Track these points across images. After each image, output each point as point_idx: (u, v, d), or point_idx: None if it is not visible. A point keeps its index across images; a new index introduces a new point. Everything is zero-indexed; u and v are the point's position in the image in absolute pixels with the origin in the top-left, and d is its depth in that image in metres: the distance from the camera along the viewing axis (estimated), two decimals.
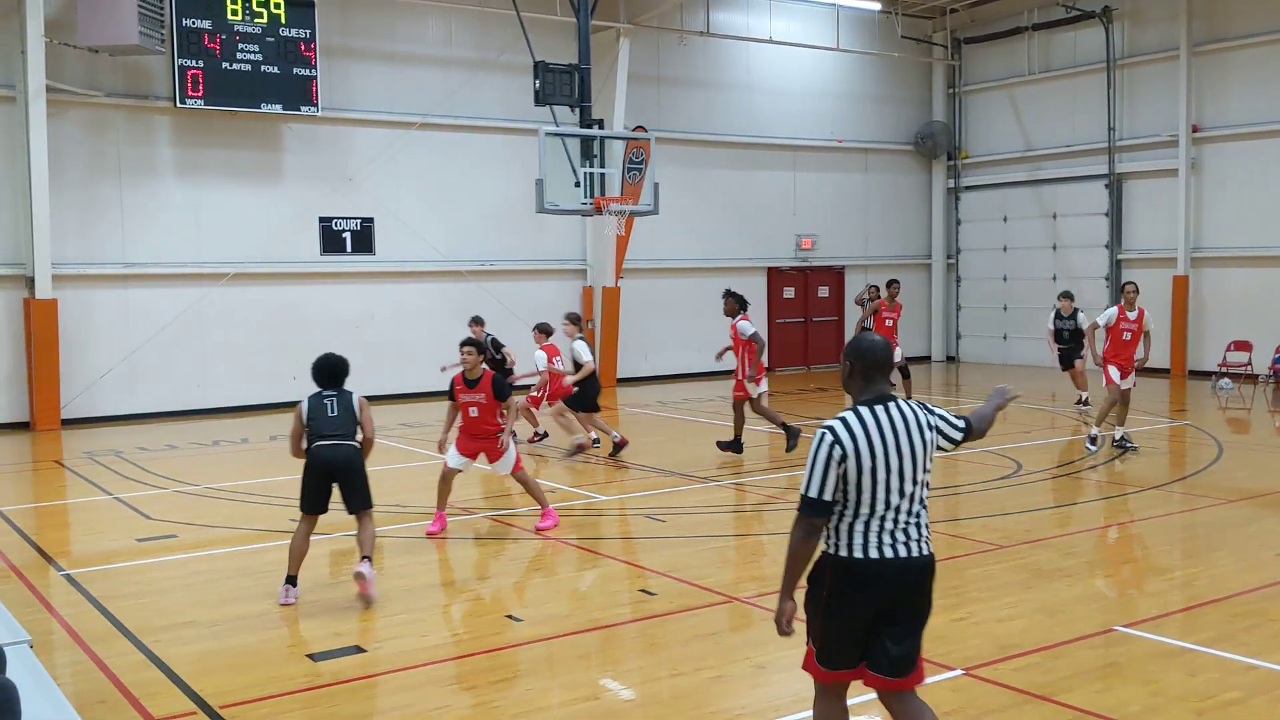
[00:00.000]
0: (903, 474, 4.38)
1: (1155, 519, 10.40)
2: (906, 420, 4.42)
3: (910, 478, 4.40)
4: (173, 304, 18.69)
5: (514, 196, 20.68)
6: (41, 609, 7.94)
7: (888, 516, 4.38)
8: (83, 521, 11.34)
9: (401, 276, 20.64)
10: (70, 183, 17.73)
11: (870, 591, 4.39)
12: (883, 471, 4.33)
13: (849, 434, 4.32)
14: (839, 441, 4.31)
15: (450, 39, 21.07)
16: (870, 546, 4.36)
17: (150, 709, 5.98)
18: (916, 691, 4.63)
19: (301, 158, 19.65)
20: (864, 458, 4.31)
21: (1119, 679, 6.22)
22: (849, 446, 4.31)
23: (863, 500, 4.36)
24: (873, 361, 4.51)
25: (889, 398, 4.46)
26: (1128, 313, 13.55)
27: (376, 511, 8.32)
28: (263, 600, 8.05)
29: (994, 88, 26.25)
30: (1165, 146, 22.83)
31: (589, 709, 5.96)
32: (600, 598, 8.31)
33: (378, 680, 6.44)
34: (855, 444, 4.31)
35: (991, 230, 26.54)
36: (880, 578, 4.37)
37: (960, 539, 9.64)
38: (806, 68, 25.12)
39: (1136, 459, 13.40)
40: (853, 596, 4.40)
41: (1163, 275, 22.94)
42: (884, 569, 4.37)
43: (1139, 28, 23.39)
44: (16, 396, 17.57)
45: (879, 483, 4.34)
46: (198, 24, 17.86)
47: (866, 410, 4.41)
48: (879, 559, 4.36)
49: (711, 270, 24.21)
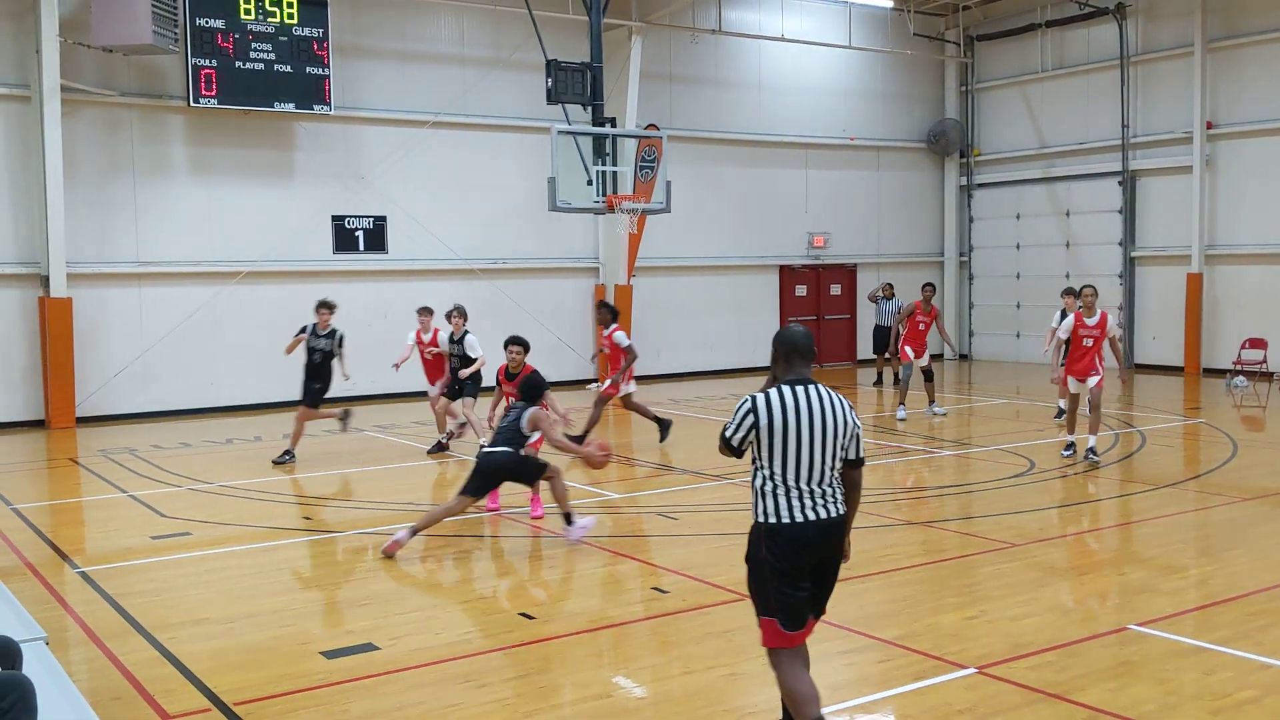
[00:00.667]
0: (813, 447, 5.00)
1: (1170, 517, 10.36)
2: (822, 402, 5.06)
3: (821, 451, 5.01)
4: (186, 302, 18.75)
5: (526, 195, 20.71)
6: (57, 606, 7.97)
7: (802, 482, 5.01)
8: (98, 519, 11.39)
9: (414, 275, 20.67)
10: (84, 182, 17.81)
11: (805, 550, 5.02)
12: (791, 441, 4.98)
13: (765, 406, 5.02)
14: (754, 410, 5.04)
15: (463, 37, 21.09)
16: (796, 510, 5.00)
17: (165, 706, 6.01)
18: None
19: (314, 156, 19.69)
20: (775, 425, 4.98)
21: (1133, 678, 6.20)
22: (762, 417, 5.01)
23: (778, 466, 5.01)
24: (792, 348, 5.18)
25: (807, 381, 5.11)
26: (1086, 319, 12.69)
27: (390, 509, 8.34)
28: (277, 597, 8.08)
29: (1007, 85, 26.17)
30: (1179, 143, 22.73)
31: (602, 706, 5.97)
32: (613, 595, 8.32)
33: (391, 677, 6.45)
34: (769, 415, 5.00)
35: (1004, 228, 26.46)
36: (809, 537, 5.00)
37: (973, 537, 9.62)
38: (818, 66, 25.07)
39: (1153, 457, 13.35)
40: (792, 557, 5.00)
41: (1177, 272, 22.86)
42: (810, 530, 5.00)
43: (1153, 24, 23.29)
44: (32, 394, 17.66)
45: (790, 450, 4.99)
46: (211, 23, 17.91)
47: (787, 389, 5.07)
48: (804, 521, 5.00)
49: (724, 268, 24.22)
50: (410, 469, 13.54)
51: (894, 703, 5.97)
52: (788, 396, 5.03)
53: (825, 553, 5.08)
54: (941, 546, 9.41)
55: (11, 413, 17.54)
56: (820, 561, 5.09)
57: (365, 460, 14.02)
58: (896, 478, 12.76)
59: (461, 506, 9.36)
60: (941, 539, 9.65)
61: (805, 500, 5.01)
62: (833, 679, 6.33)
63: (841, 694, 6.08)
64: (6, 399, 17.53)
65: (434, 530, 9.56)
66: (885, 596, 7.90)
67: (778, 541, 5.00)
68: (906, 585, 8.20)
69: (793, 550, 4.99)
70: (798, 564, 5.00)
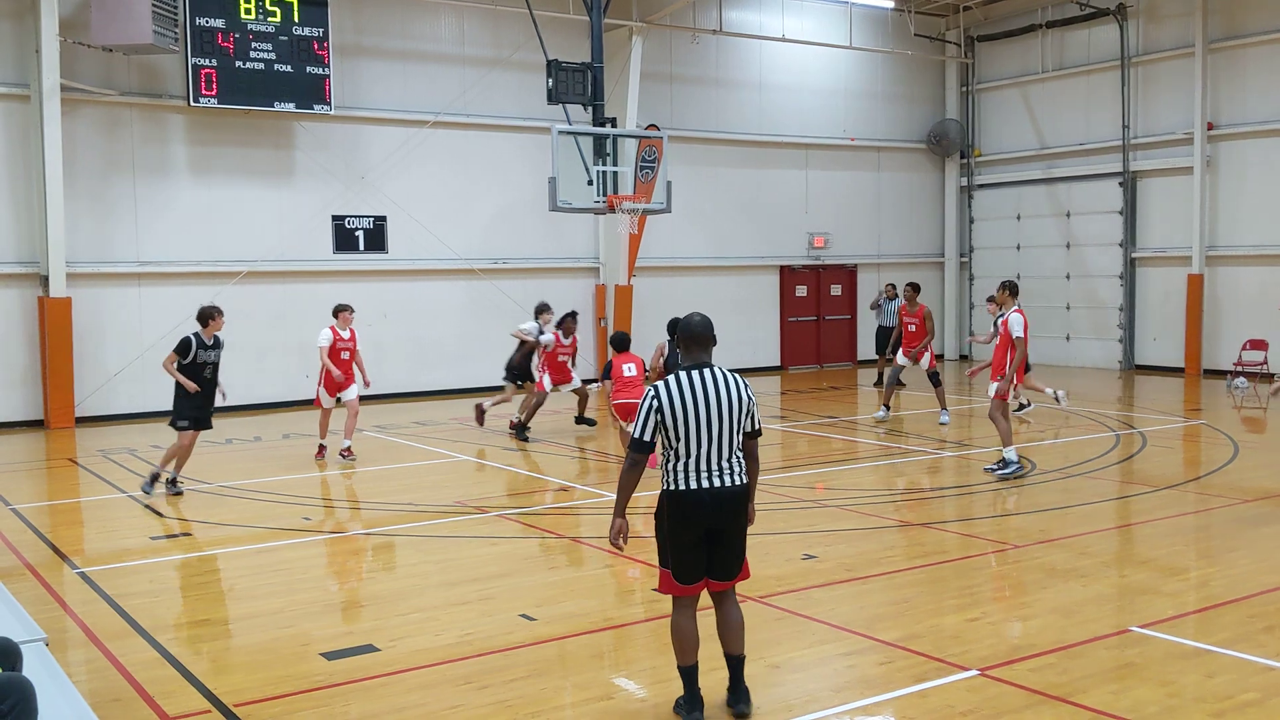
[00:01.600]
0: (710, 423, 5.56)
1: (1171, 519, 10.34)
2: (719, 383, 5.61)
3: (719, 426, 5.58)
4: (186, 302, 18.61)
5: (527, 195, 20.70)
6: (57, 607, 7.96)
7: (703, 456, 5.58)
8: (97, 519, 11.37)
9: (414, 275, 20.66)
10: (84, 181, 17.79)
11: (697, 515, 5.60)
12: (693, 421, 5.54)
13: (666, 392, 5.58)
14: (657, 397, 5.59)
15: (463, 37, 21.08)
16: (693, 479, 5.59)
17: (165, 707, 5.99)
18: (735, 591, 5.89)
19: (314, 156, 19.68)
20: (677, 410, 5.55)
21: (1135, 680, 6.19)
22: (665, 401, 5.57)
23: (683, 445, 5.57)
24: (690, 336, 5.74)
25: (705, 365, 5.67)
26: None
27: (389, 510, 8.31)
28: (276, 598, 8.06)
29: (1008, 85, 26.16)
30: (1180, 144, 22.72)
31: (603, 708, 5.95)
32: (614, 597, 8.31)
33: (391, 679, 6.44)
34: (670, 400, 5.56)
35: (1005, 229, 26.45)
36: (702, 503, 5.59)
37: (974, 539, 9.61)
38: (819, 66, 25.06)
39: (1153, 458, 13.34)
40: (686, 520, 5.62)
41: (1178, 273, 22.85)
42: (705, 496, 5.58)
43: (1154, 24, 23.28)
44: (31, 394, 17.64)
45: (692, 430, 5.55)
46: (211, 23, 17.89)
47: (684, 374, 5.62)
48: (698, 489, 5.59)
49: (724, 269, 24.21)
50: (409, 469, 13.51)
51: (895, 705, 5.95)
52: (684, 381, 5.59)
53: (722, 519, 5.63)
54: (943, 548, 9.39)
55: (11, 413, 17.52)
56: (718, 527, 5.63)
57: (364, 460, 14.00)
58: (897, 479, 12.75)
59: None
60: (942, 540, 9.63)
61: (704, 471, 5.58)
62: (834, 681, 6.32)
63: (843, 696, 6.07)
64: (5, 399, 17.51)
65: (434, 531, 9.52)
66: (886, 598, 7.88)
67: (677, 506, 5.63)
68: (908, 587, 8.19)
69: (689, 514, 5.60)
70: (691, 526, 5.61)
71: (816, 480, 12.37)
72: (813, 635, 7.06)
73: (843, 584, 8.16)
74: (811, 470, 13.06)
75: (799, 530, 10.07)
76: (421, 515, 10.67)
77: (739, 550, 5.76)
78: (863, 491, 11.71)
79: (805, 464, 13.43)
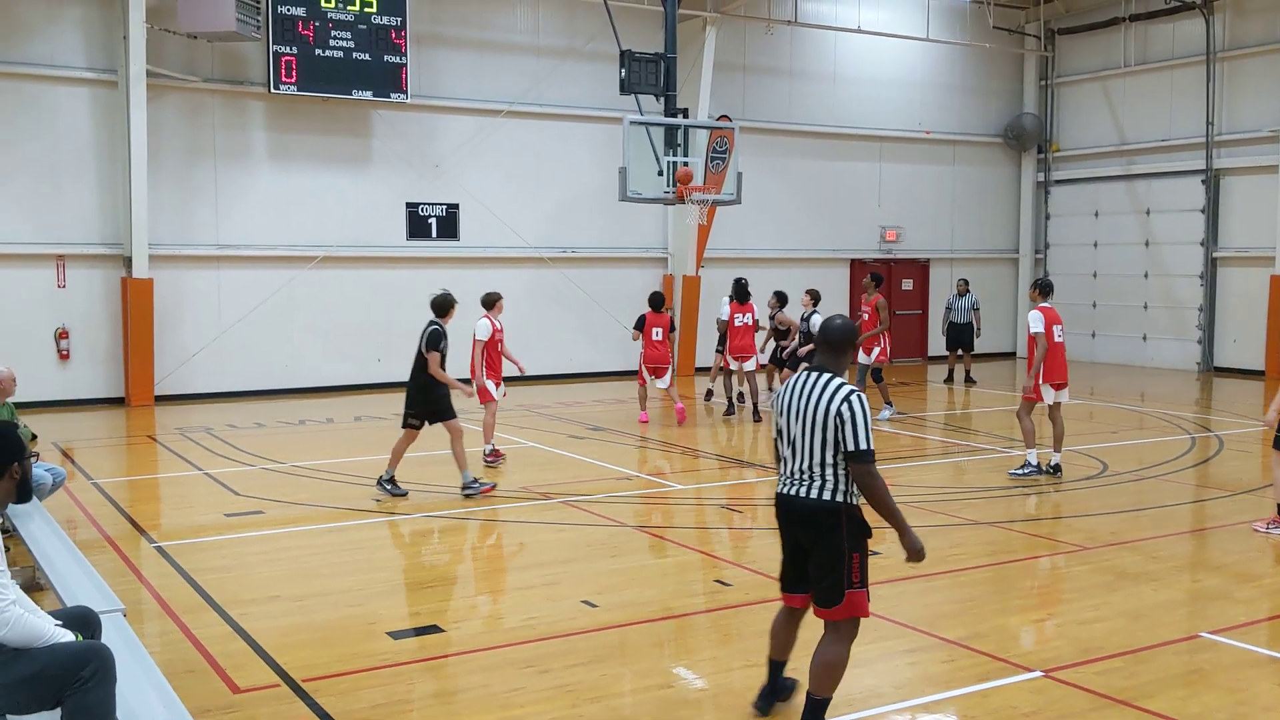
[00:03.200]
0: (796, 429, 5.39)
1: (1246, 524, 10.11)
2: (815, 391, 5.32)
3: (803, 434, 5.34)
4: (263, 285, 19.10)
5: (597, 184, 20.77)
6: (134, 579, 8.19)
7: (792, 461, 5.43)
8: (174, 495, 11.67)
9: (485, 262, 20.84)
10: (167, 166, 18.21)
11: (779, 520, 5.53)
12: (786, 424, 5.45)
13: (780, 392, 5.50)
14: (776, 396, 5.56)
15: (538, 27, 21.19)
16: (781, 483, 5.48)
17: (236, 680, 6.15)
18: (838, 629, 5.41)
19: (390, 144, 19.93)
20: (779, 410, 5.52)
21: (1204, 686, 6.09)
22: (776, 401, 5.54)
23: (782, 444, 5.49)
24: (823, 339, 5.50)
25: (822, 369, 5.41)
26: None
27: (457, 493, 8.37)
28: (346, 577, 8.22)
29: (1088, 79, 25.66)
30: (1267, 142, 22.13)
31: (662, 696, 5.99)
32: (675, 587, 8.34)
33: (454, 660, 6.54)
34: (777, 399, 5.53)
35: (1082, 225, 25.98)
36: (779, 509, 5.52)
37: (1043, 539, 9.49)
38: (894, 58, 24.80)
39: (1230, 462, 13.06)
40: (777, 523, 5.56)
41: (1260, 274, 22.28)
42: (780, 502, 5.48)
43: (1242, 19, 22.68)
44: (113, 373, 18.13)
45: (785, 432, 5.46)
46: (292, 11, 18.19)
47: (802, 375, 5.47)
48: (780, 493, 5.48)
49: (794, 260, 24.07)
50: (479, 454, 13.64)
51: (958, 703, 5.92)
52: (795, 383, 5.45)
53: (798, 531, 5.39)
54: (1010, 548, 9.29)
55: (94, 390, 18.02)
56: (798, 539, 5.41)
57: (433, 445, 14.15)
58: (965, 476, 12.62)
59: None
60: (1010, 540, 9.52)
61: (788, 476, 5.43)
62: (896, 677, 6.30)
63: (904, 692, 6.05)
64: (89, 376, 18.02)
65: (499, 516, 9.63)
66: (951, 596, 7.83)
67: (774, 506, 5.57)
68: (973, 585, 8.12)
69: (776, 517, 5.54)
70: (780, 531, 5.54)
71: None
72: (875, 631, 7.03)
73: (907, 581, 8.11)
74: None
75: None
76: (488, 500, 10.79)
77: (824, 573, 5.28)
78: (929, 489, 11.61)
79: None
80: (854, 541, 5.25)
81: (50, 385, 17.34)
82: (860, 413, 5.18)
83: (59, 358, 17.77)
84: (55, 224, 17.65)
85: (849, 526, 5.25)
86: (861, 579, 5.25)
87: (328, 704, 5.82)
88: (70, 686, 4.34)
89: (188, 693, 5.30)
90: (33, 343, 17.35)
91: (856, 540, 5.26)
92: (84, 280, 17.90)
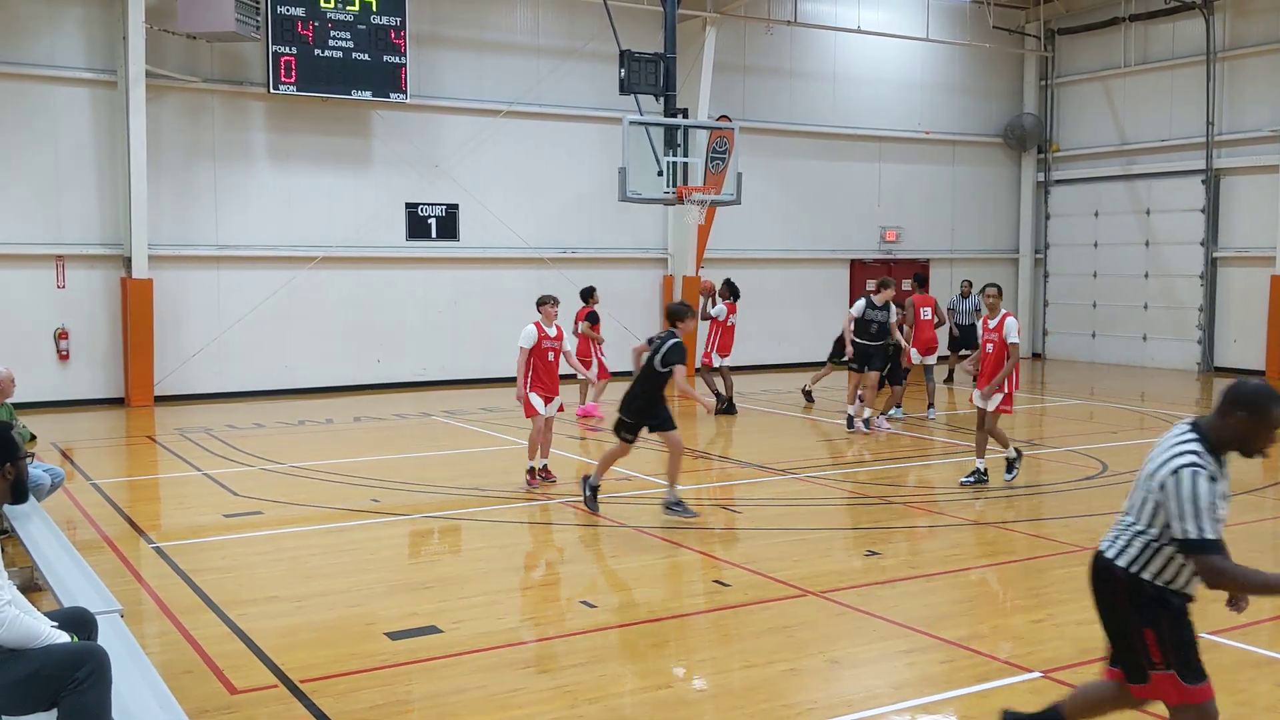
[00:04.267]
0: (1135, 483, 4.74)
1: (1246, 524, 10.09)
2: (1158, 445, 4.68)
3: (1134, 489, 4.72)
4: (263, 286, 19.09)
5: (597, 185, 20.75)
6: (132, 579, 8.18)
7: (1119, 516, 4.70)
8: (173, 496, 11.66)
9: (485, 263, 20.84)
10: (167, 166, 18.20)
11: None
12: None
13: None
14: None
15: (537, 27, 21.18)
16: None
17: (234, 681, 6.14)
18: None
19: (390, 144, 19.92)
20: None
21: None
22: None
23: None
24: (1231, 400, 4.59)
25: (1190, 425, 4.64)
26: (988, 321, 11.34)
27: (456, 494, 8.41)
28: (344, 577, 8.21)
29: (1088, 80, 25.65)
30: (1267, 141, 22.11)
31: (661, 697, 5.98)
32: (674, 587, 8.33)
33: (453, 660, 6.53)
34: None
35: (1082, 225, 25.97)
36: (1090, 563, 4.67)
37: (1043, 539, 9.48)
38: (894, 57, 24.79)
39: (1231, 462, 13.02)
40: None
41: (1261, 274, 22.27)
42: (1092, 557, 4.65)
43: (1242, 19, 22.67)
44: (112, 373, 18.12)
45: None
46: (291, 11, 18.18)
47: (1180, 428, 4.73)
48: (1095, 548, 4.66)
49: (794, 261, 24.07)
50: (480, 454, 13.65)
51: (956, 704, 5.91)
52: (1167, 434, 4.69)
53: (1094, 589, 4.65)
54: (1010, 548, 9.28)
55: (94, 390, 18.01)
56: (1097, 601, 4.65)
57: (433, 445, 14.17)
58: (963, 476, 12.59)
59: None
60: (1010, 540, 9.52)
61: (1109, 530, 4.67)
62: (894, 678, 6.29)
63: (903, 693, 6.04)
64: (89, 376, 18.01)
65: (499, 516, 9.62)
66: (950, 596, 7.82)
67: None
68: (972, 586, 8.11)
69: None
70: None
71: (881, 475, 12.28)
72: (874, 631, 7.02)
73: (906, 581, 8.10)
74: (879, 467, 12.96)
75: (863, 526, 10.02)
76: (487, 500, 10.78)
77: (1118, 637, 4.61)
78: (929, 489, 11.60)
79: (874, 460, 13.32)
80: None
81: (50, 386, 17.32)
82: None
83: (58, 358, 17.76)
84: (55, 224, 17.65)
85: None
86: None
87: (326, 705, 5.81)
88: (66, 687, 4.33)
89: (185, 693, 5.30)
90: (32, 343, 17.34)
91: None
92: (84, 280, 17.89)
